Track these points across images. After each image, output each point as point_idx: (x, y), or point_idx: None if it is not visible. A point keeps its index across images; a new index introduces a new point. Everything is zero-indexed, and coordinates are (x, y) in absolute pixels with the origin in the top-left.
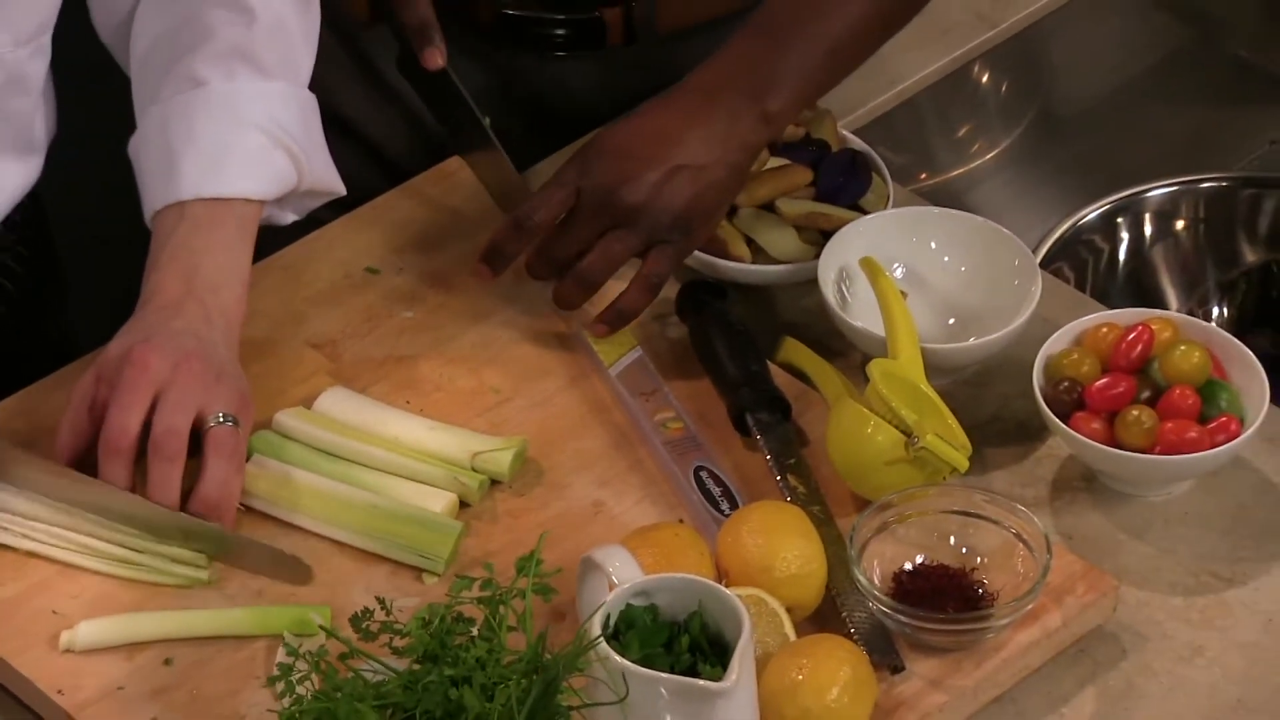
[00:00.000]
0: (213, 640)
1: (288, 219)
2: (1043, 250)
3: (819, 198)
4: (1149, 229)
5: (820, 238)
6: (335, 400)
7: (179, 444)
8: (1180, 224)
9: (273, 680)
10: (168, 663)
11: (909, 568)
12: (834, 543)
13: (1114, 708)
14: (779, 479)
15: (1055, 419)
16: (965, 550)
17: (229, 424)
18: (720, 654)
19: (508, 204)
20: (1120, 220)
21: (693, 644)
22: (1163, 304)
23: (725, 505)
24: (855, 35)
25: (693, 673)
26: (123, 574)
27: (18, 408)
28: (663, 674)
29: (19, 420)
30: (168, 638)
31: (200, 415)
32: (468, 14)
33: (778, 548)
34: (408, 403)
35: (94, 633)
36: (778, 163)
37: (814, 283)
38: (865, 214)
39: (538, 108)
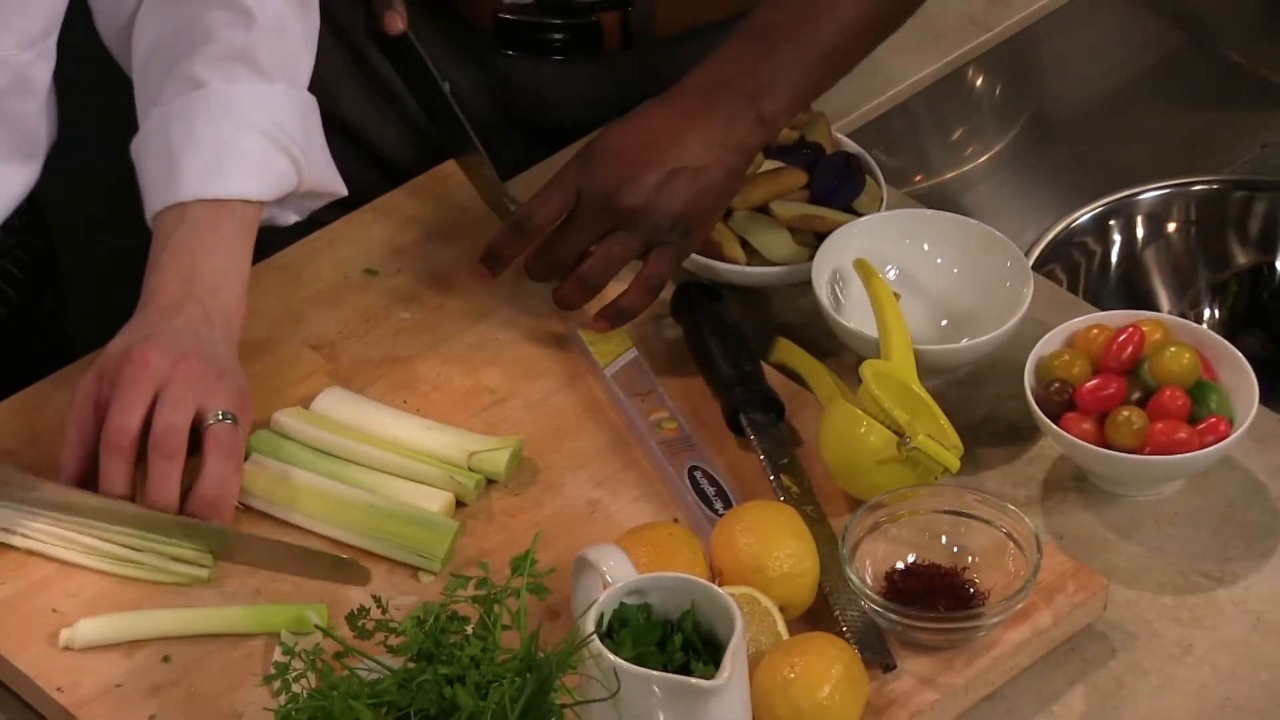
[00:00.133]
0: (211, 638)
1: (289, 219)
2: (1036, 252)
3: (813, 200)
4: (1141, 231)
5: (814, 240)
6: (333, 400)
7: (179, 441)
8: (1172, 226)
9: (269, 679)
10: (166, 660)
11: (901, 567)
12: (827, 542)
13: (1103, 706)
14: (772, 479)
15: (1046, 419)
16: (957, 549)
17: (228, 422)
18: (713, 652)
19: (492, 202)
20: (1113, 222)
21: (686, 642)
22: (1154, 305)
23: (719, 505)
24: (850, 38)
25: (686, 671)
26: (122, 573)
27: (18, 408)
28: (655, 672)
29: (19, 420)
30: (166, 635)
31: (200, 413)
32: (465, 17)
33: (771, 547)
34: (405, 403)
35: (93, 630)
36: (772, 165)
37: (808, 284)
38: (859, 216)
39: (535, 111)
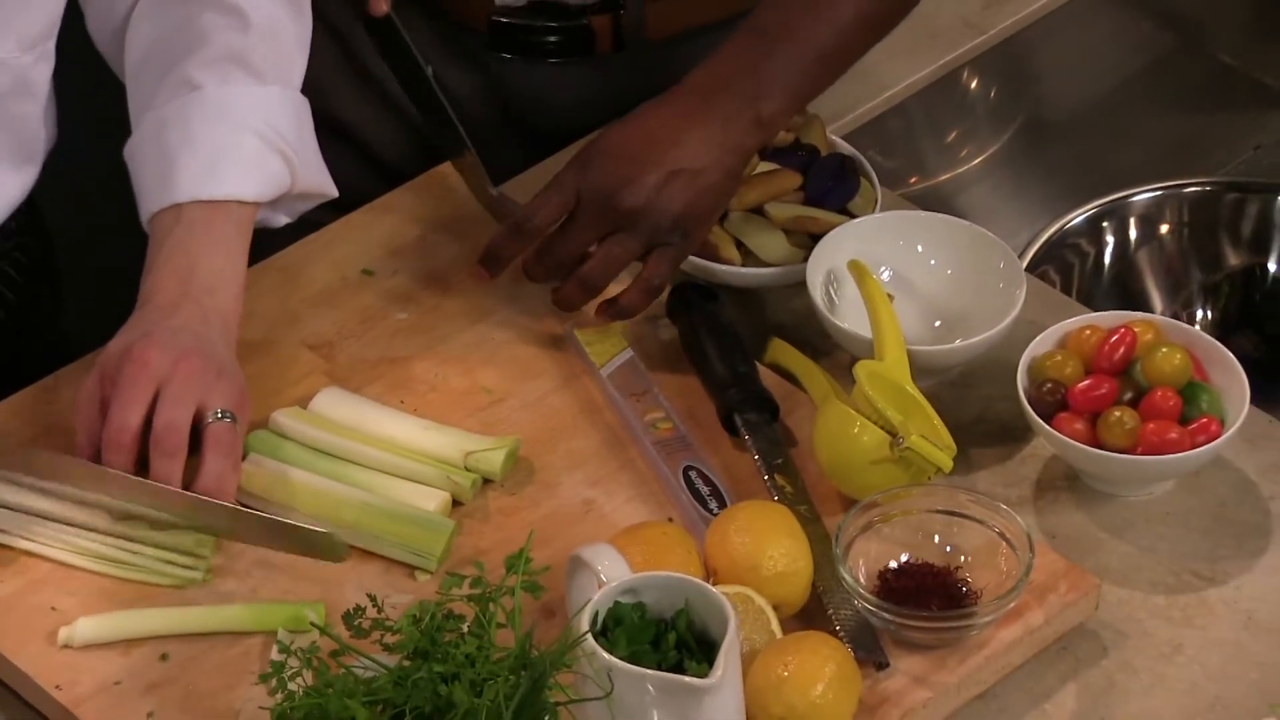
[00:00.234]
0: (208, 636)
1: (280, 221)
2: (1030, 253)
3: (808, 202)
4: (1134, 233)
5: (809, 241)
6: (331, 400)
7: (179, 439)
8: (1165, 228)
9: (265, 677)
10: (164, 658)
11: (894, 566)
12: (820, 541)
13: (1095, 704)
14: (766, 478)
15: (1039, 420)
16: (949, 549)
17: (227, 420)
18: (707, 651)
19: (484, 200)
20: (1106, 224)
21: (679, 641)
22: (1148, 307)
23: (714, 504)
24: (847, 38)
25: (679, 670)
26: (118, 574)
27: (17, 408)
28: (649, 670)
29: (19, 420)
30: (164, 634)
31: (199, 411)
32: (460, 21)
33: (765, 546)
34: (402, 403)
35: (92, 629)
36: (767, 167)
37: (802, 285)
38: (853, 218)
39: (529, 113)
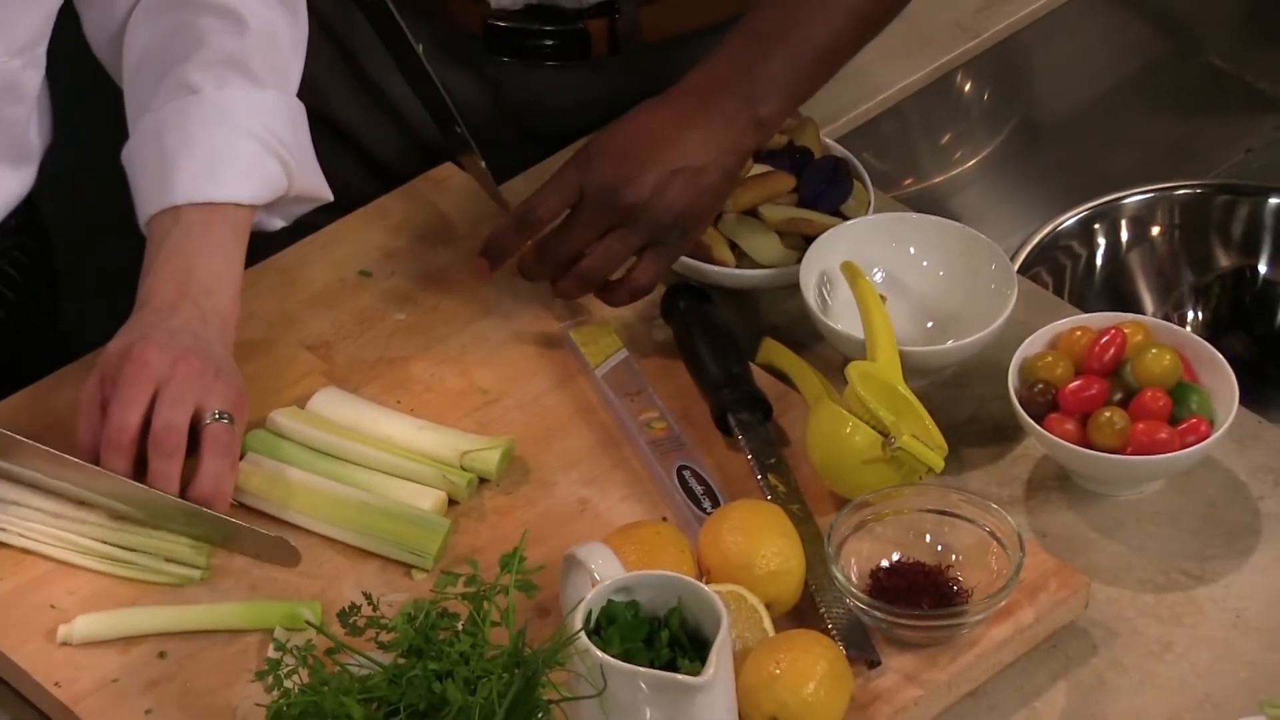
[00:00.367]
0: (206, 634)
1: (276, 225)
2: (1022, 255)
3: (801, 204)
4: (1125, 235)
5: (802, 243)
6: (328, 400)
7: (178, 440)
8: (1156, 230)
9: (261, 674)
10: (162, 656)
11: (886, 565)
12: (813, 540)
13: (1085, 701)
14: (760, 478)
15: (1030, 420)
16: (941, 548)
17: (224, 421)
18: (699, 649)
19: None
20: (1098, 226)
21: (672, 639)
22: (1139, 308)
23: (707, 503)
24: (841, 38)
25: (672, 667)
26: (117, 573)
27: (17, 408)
28: (642, 668)
29: (19, 419)
30: (162, 631)
31: (197, 412)
32: (456, 25)
33: (757, 545)
34: (399, 403)
35: (91, 626)
36: (761, 169)
37: (796, 287)
38: (846, 220)
39: (526, 116)
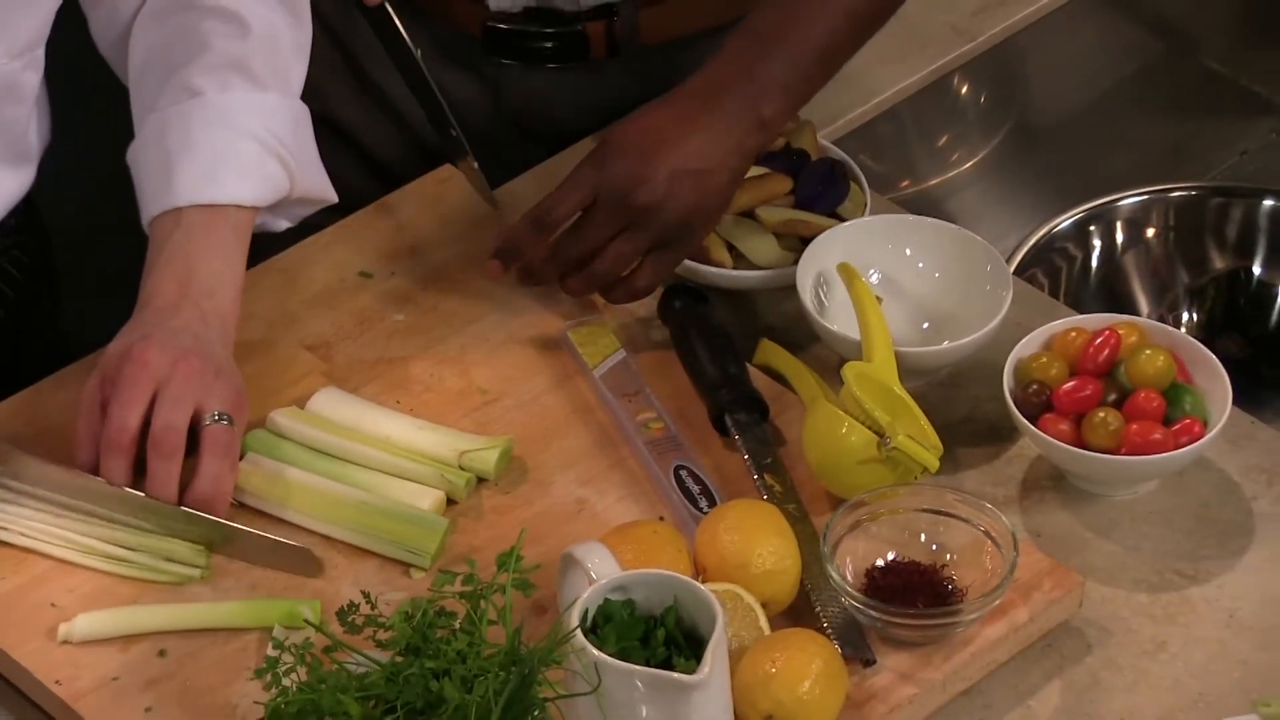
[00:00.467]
0: (205, 632)
1: (280, 226)
2: (1018, 257)
3: (798, 205)
4: (1121, 236)
5: (799, 244)
6: (328, 400)
7: (177, 440)
8: (1151, 232)
9: (260, 672)
10: (162, 654)
11: (881, 564)
12: (808, 539)
13: (1079, 700)
14: (756, 478)
15: (1024, 420)
16: (936, 547)
17: (224, 422)
18: (695, 648)
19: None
20: (1093, 228)
21: (668, 638)
22: (1134, 309)
23: (704, 503)
24: (838, 38)
25: (668, 666)
26: (118, 571)
27: (17, 408)
28: (638, 667)
29: (19, 420)
30: (162, 630)
31: (197, 413)
32: (456, 27)
33: (754, 544)
34: (398, 403)
35: (91, 625)
36: (758, 171)
37: (792, 288)
38: (843, 221)
39: (525, 117)
